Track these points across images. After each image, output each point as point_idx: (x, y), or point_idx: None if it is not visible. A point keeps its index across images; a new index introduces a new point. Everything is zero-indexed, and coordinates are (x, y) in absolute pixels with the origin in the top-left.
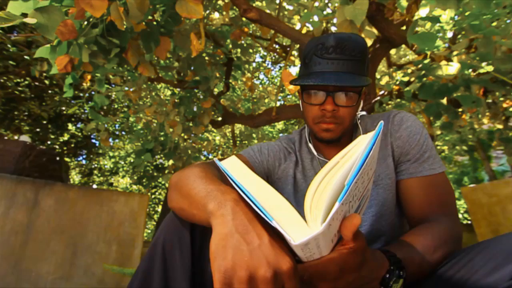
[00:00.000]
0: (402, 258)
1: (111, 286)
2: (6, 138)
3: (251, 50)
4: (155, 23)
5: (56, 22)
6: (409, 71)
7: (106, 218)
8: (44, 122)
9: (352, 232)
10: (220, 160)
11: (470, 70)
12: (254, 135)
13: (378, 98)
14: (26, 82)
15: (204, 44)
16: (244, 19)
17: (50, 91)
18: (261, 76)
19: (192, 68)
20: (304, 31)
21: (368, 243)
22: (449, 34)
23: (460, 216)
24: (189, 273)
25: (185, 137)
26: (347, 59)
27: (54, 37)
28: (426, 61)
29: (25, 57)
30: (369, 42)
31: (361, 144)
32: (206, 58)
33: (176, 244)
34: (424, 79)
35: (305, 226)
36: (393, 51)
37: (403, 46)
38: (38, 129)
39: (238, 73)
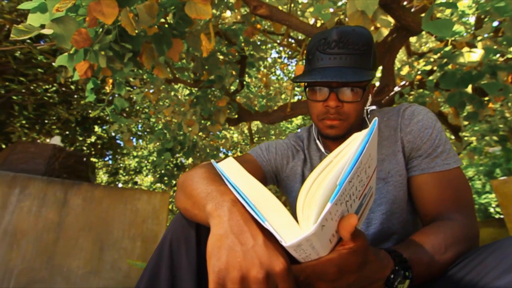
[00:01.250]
0: (408, 258)
1: (137, 280)
2: (39, 141)
3: (264, 47)
4: (166, 25)
5: (71, 32)
6: (432, 59)
7: (130, 215)
8: (72, 125)
9: (349, 232)
10: (218, 161)
11: (498, 55)
12: (271, 131)
13: (399, 89)
14: (54, 88)
15: (213, 43)
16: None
17: (76, 96)
18: (278, 72)
19: (206, 67)
20: (318, 24)
21: (379, 242)
22: (471, 19)
23: (491, 210)
24: (195, 271)
25: (203, 135)
26: (350, 54)
27: (69, 46)
28: (447, 49)
29: (52, 64)
30: (385, 32)
31: (355, 142)
32: (221, 57)
33: (183, 243)
34: (449, 66)
35: (297, 227)
36: (414, 39)
37: (424, 33)
38: (67, 132)
39: (252, 70)
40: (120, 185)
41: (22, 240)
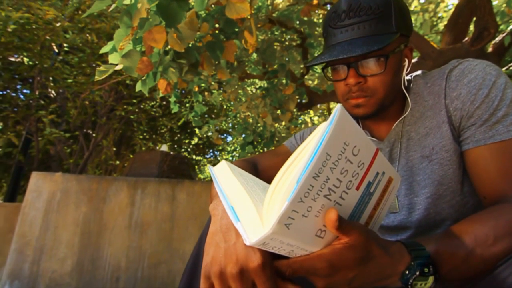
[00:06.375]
0: (435, 251)
1: None
2: (157, 148)
3: None
4: (217, 31)
5: (136, 62)
6: None
7: None
8: (177, 131)
9: (333, 227)
10: (213, 165)
11: None
12: None
13: (511, 28)
14: (157, 104)
15: (255, 38)
16: None
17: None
18: None
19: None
20: None
21: (426, 229)
22: None
23: None
24: None
25: (281, 124)
26: (363, 21)
27: (136, 74)
28: None
29: None
30: None
31: (319, 134)
32: (285, 44)
33: None
34: None
35: (260, 226)
36: None
37: None
38: (175, 138)
39: (315, 50)
40: None
41: (148, 230)
